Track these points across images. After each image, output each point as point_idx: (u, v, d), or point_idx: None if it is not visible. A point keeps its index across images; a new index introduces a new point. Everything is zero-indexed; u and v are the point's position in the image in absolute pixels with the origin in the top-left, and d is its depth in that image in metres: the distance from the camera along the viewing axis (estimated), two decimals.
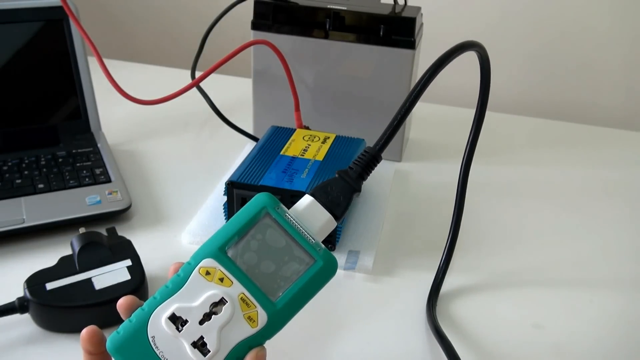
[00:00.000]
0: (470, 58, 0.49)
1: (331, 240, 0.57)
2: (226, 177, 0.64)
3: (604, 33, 0.97)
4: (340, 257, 0.57)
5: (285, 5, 0.72)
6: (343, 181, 0.39)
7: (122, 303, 0.36)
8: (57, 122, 0.73)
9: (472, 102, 0.51)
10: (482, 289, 0.56)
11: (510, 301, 0.55)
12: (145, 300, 0.35)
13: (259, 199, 0.37)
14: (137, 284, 0.50)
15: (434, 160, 0.77)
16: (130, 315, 0.35)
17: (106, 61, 0.68)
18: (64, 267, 0.50)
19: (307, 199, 0.38)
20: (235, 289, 0.35)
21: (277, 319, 0.35)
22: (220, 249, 0.36)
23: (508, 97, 1.05)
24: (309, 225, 0.37)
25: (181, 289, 0.35)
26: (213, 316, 0.34)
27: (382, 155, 0.40)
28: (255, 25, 0.73)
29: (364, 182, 0.40)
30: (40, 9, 0.70)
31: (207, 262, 0.35)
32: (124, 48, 1.26)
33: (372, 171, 0.40)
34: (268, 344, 0.36)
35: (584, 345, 0.50)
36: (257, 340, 0.35)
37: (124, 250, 0.53)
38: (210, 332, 0.34)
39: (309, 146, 0.63)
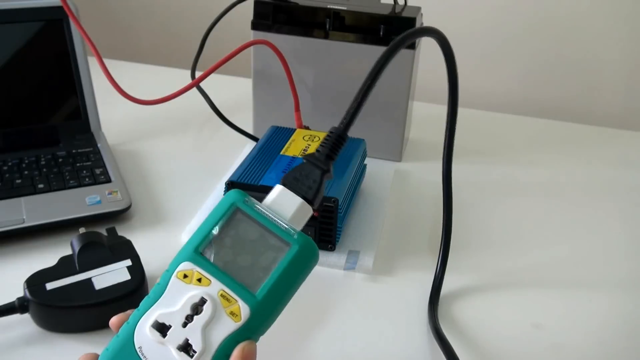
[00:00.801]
0: (469, 57, 0.49)
1: (331, 241, 0.57)
2: (226, 177, 0.64)
3: (604, 33, 0.97)
4: (340, 257, 0.57)
5: (285, 5, 0.72)
6: (311, 164, 0.39)
7: (114, 321, 0.36)
8: (57, 122, 0.73)
9: (473, 102, 0.52)
10: (482, 289, 0.56)
11: (510, 301, 0.55)
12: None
13: (227, 197, 0.37)
14: (137, 284, 0.50)
15: (434, 160, 0.77)
16: None
17: (106, 61, 0.68)
18: (64, 267, 0.50)
19: (277, 188, 0.38)
20: (214, 287, 0.35)
21: (261, 310, 0.35)
22: (195, 251, 0.36)
23: (508, 97, 1.05)
24: (282, 212, 0.37)
25: (162, 296, 0.35)
26: (195, 317, 0.34)
27: (382, 155, 0.40)
28: (255, 25, 0.73)
29: (365, 183, 0.40)
30: (40, 9, 0.70)
31: (184, 266, 0.35)
32: (124, 48, 1.26)
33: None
34: (266, 344, 0.35)
35: (584, 345, 0.50)
36: (244, 335, 0.34)
37: (124, 250, 0.53)
38: (194, 333, 0.34)
39: (309, 146, 0.63)
